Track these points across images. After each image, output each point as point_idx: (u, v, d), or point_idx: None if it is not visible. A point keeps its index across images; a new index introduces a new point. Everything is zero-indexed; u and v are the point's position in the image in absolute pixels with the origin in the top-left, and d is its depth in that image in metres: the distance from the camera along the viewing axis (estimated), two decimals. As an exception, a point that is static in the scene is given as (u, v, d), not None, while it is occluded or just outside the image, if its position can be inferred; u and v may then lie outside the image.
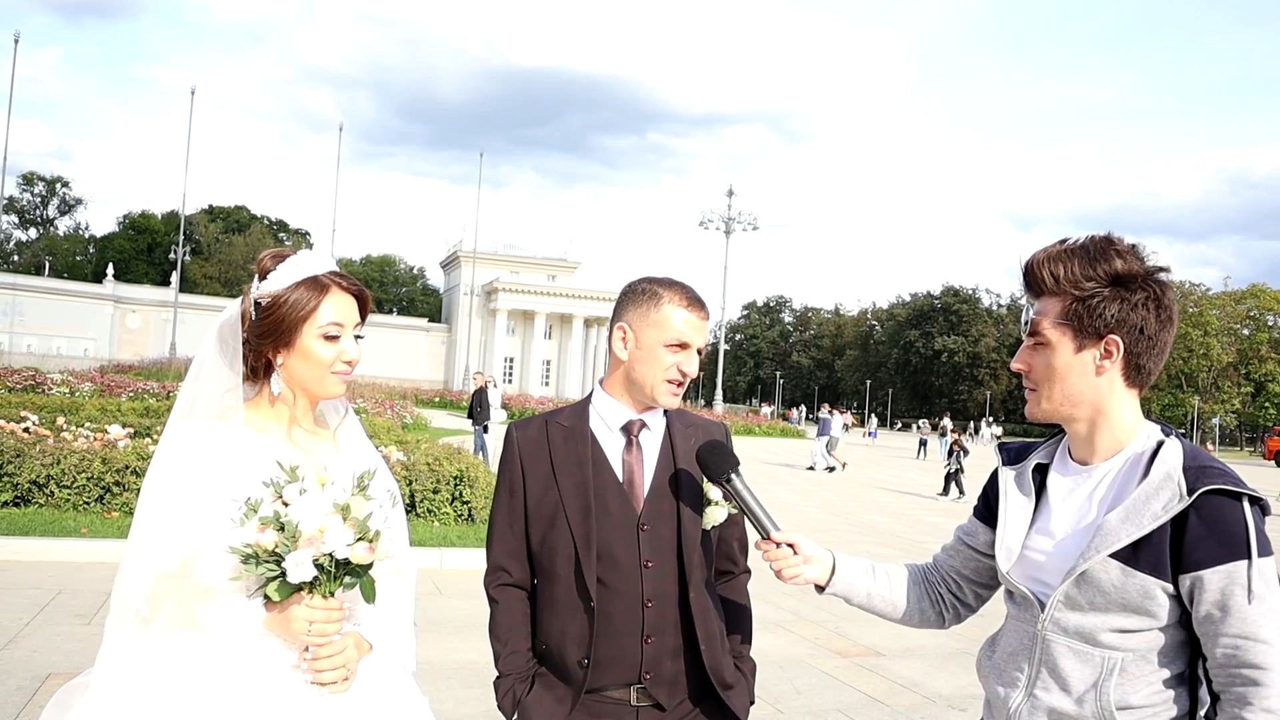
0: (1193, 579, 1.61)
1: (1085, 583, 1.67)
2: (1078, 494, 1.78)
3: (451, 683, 5.34)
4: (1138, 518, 1.63)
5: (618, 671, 2.11)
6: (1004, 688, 1.81)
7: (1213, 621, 1.61)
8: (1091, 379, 1.72)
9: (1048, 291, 1.74)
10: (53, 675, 5.00)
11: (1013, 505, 1.85)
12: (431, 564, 8.47)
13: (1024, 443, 1.97)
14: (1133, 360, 1.71)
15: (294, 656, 1.81)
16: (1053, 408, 1.77)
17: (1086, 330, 1.70)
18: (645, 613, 2.11)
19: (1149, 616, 1.65)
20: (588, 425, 2.21)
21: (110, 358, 57.71)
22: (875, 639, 7.06)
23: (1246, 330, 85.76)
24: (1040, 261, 1.75)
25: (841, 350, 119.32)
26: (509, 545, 2.20)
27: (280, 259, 1.94)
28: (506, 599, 2.20)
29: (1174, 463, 1.66)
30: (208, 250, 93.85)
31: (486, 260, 79.59)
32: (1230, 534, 1.59)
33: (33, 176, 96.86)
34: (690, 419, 2.32)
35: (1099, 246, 1.71)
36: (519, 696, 2.14)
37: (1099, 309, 1.68)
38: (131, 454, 9.39)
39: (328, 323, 1.92)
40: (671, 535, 2.15)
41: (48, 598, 6.54)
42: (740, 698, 2.23)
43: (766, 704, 5.38)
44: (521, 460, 2.21)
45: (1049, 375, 1.75)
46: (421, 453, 11.02)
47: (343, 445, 2.09)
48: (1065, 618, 1.71)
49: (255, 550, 1.68)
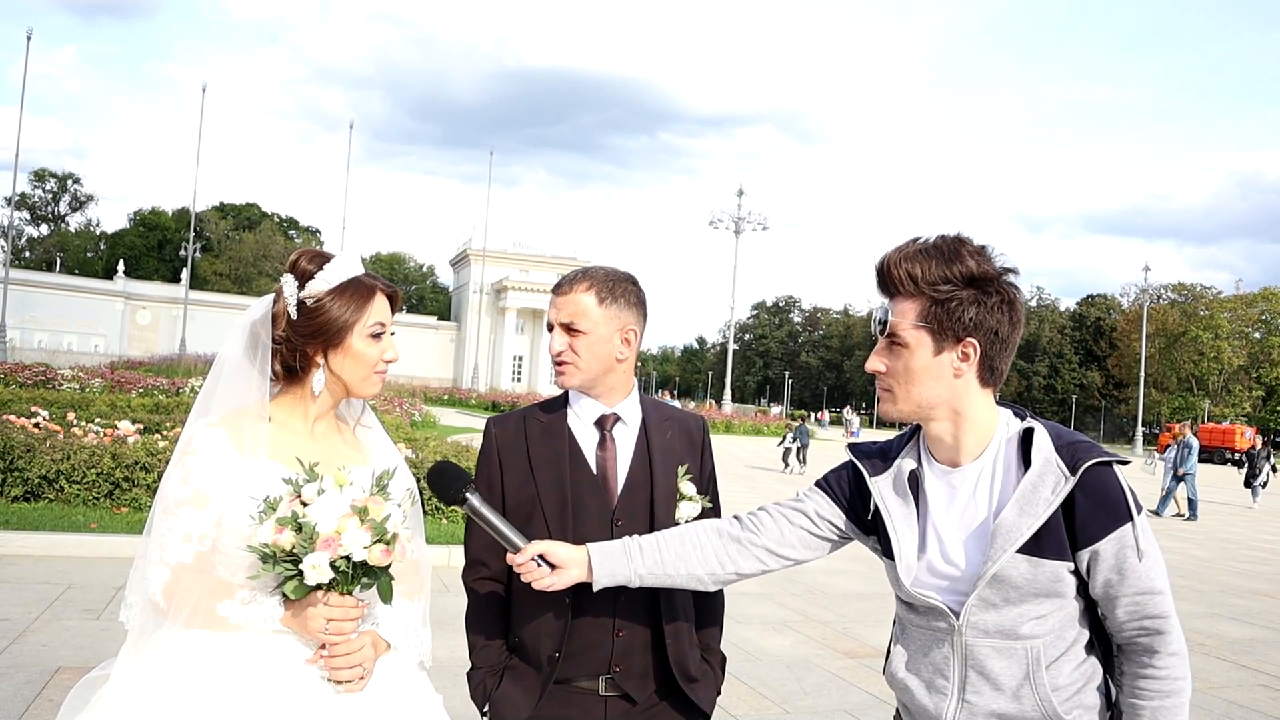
0: (1090, 552, 1.67)
1: (998, 582, 1.70)
2: (958, 497, 1.78)
3: (458, 680, 5.33)
4: (1032, 508, 1.67)
5: (588, 663, 2.14)
6: (930, 696, 1.81)
7: (1111, 585, 1.67)
8: (949, 381, 1.73)
9: (904, 293, 1.73)
10: (62, 669, 5.02)
11: (899, 519, 1.84)
12: (440, 561, 8.48)
13: (878, 444, 1.94)
14: (988, 362, 1.73)
15: (311, 653, 1.82)
16: (910, 409, 1.77)
17: (945, 333, 1.70)
18: (617, 606, 2.14)
19: (1059, 598, 1.71)
20: (565, 421, 2.24)
21: (120, 354, 57.86)
22: (882, 639, 7.04)
23: (1258, 334, 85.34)
24: (895, 261, 1.74)
25: (850, 351, 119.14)
26: (487, 539, 2.18)
27: (320, 260, 1.97)
28: (482, 592, 2.25)
29: (1047, 446, 1.70)
30: (218, 247, 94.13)
31: (496, 259, 79.66)
32: (1114, 502, 1.66)
33: (44, 173, 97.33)
34: (667, 412, 2.34)
35: (951, 247, 1.71)
36: (489, 688, 2.19)
37: (957, 312, 1.69)
38: (141, 450, 9.42)
39: (375, 323, 1.96)
40: (644, 530, 2.16)
41: (57, 592, 6.57)
42: (705, 690, 2.24)
43: (773, 704, 5.39)
44: (499, 455, 2.24)
45: (907, 377, 1.75)
46: (430, 450, 11.03)
47: (363, 442, 2.11)
48: (983, 619, 1.73)
49: (273, 550, 1.69)
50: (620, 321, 2.20)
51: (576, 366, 2.18)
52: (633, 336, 2.24)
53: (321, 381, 1.96)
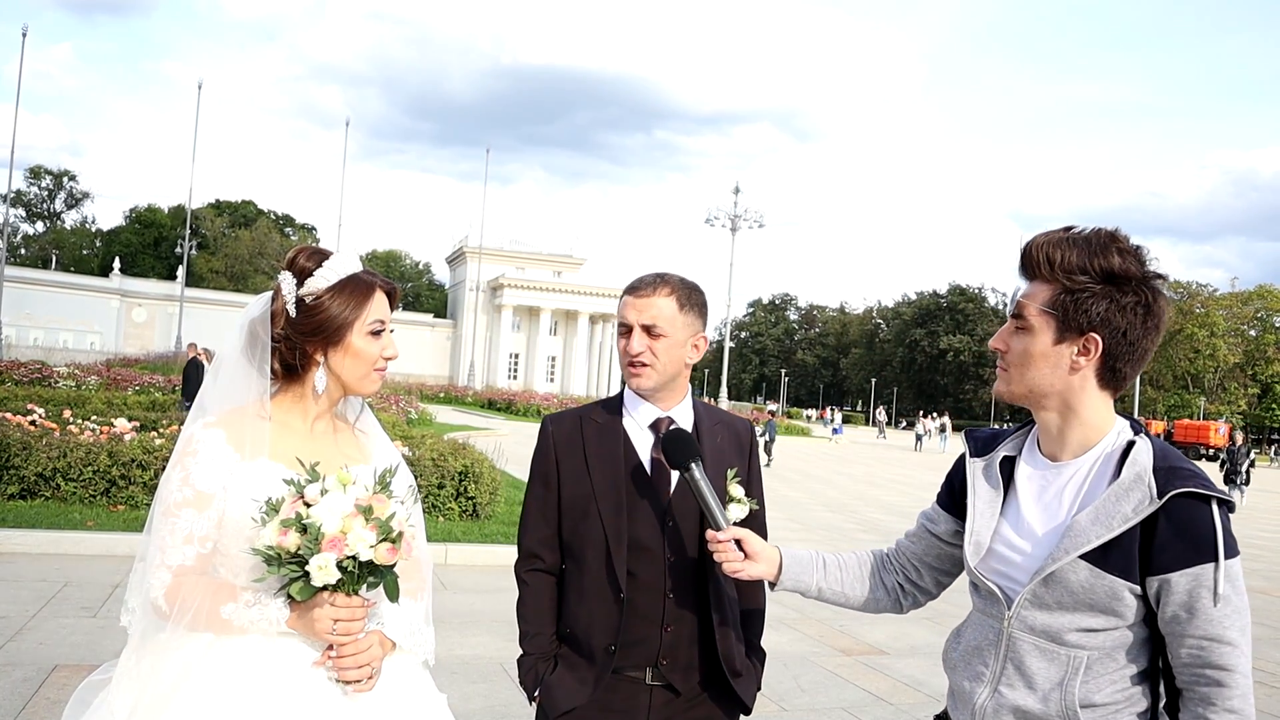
0: (1160, 581, 1.60)
1: (1054, 582, 1.67)
2: (1048, 492, 1.76)
3: (456, 678, 5.35)
4: (1108, 519, 1.62)
5: (638, 655, 2.21)
6: (969, 682, 1.81)
7: (1179, 622, 1.61)
8: (1064, 373, 1.70)
9: (1040, 276, 1.71)
10: (59, 667, 5.02)
11: (981, 498, 1.84)
12: (436, 559, 8.46)
13: (992, 431, 1.95)
14: (1109, 362, 1.69)
15: (318, 655, 1.81)
16: (1021, 392, 1.75)
17: (1069, 323, 1.67)
18: (666, 602, 2.21)
19: (1115, 616, 1.65)
20: (620, 422, 2.30)
21: (116, 351, 57.74)
22: (879, 637, 7.06)
23: (1254, 331, 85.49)
24: (1040, 245, 1.72)
25: (847, 348, 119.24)
26: (542, 534, 2.30)
27: (318, 258, 1.96)
28: (536, 583, 2.30)
29: (1145, 463, 1.65)
30: (214, 245, 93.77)
31: (492, 256, 79.59)
32: (1198, 537, 1.58)
33: (40, 170, 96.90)
34: (719, 415, 2.41)
35: (1101, 241, 1.68)
36: (541, 674, 2.23)
37: (1086, 304, 1.65)
38: (137, 447, 9.41)
39: (374, 320, 1.96)
40: (694, 530, 2.23)
41: (54, 590, 6.57)
42: (748, 686, 2.30)
43: (771, 701, 5.39)
44: (556, 453, 2.30)
45: (1023, 360, 1.73)
46: (427, 448, 11.01)
47: (362, 440, 2.11)
48: (1032, 616, 1.71)
49: (278, 552, 1.68)
50: (694, 328, 2.27)
51: (654, 369, 2.22)
52: (701, 343, 2.31)
53: (323, 380, 1.95)
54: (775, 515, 14.88)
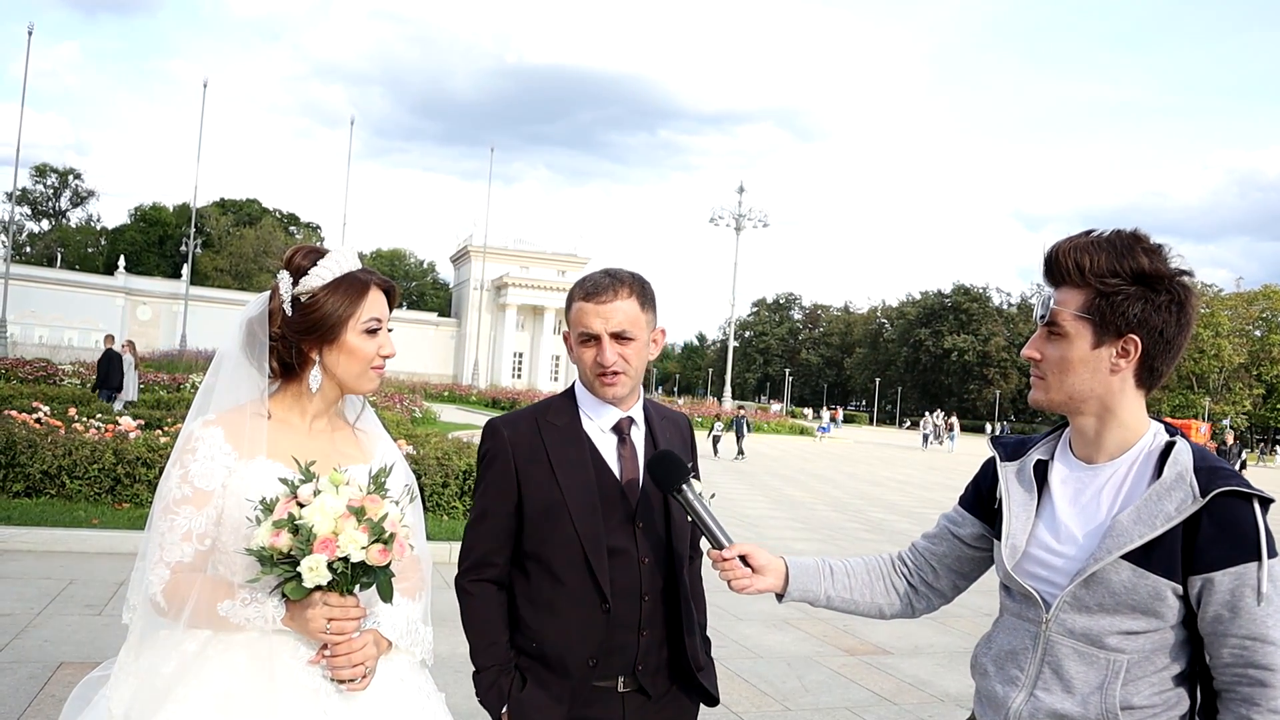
0: (1203, 580, 1.60)
1: (1095, 584, 1.66)
2: (1085, 493, 1.76)
3: (459, 676, 5.34)
4: (1150, 519, 1.62)
5: (614, 664, 2.14)
6: (1003, 686, 1.80)
7: (1221, 622, 1.60)
8: (1104, 376, 1.70)
9: (1069, 282, 1.70)
10: (64, 665, 5.03)
11: (1016, 502, 1.83)
12: (440, 558, 8.48)
13: (1020, 437, 1.95)
14: (1147, 362, 1.69)
15: (313, 653, 1.81)
16: (1061, 399, 1.75)
17: (1107, 327, 1.67)
18: (643, 606, 2.14)
19: (1156, 618, 1.65)
20: (580, 425, 2.21)
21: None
22: (883, 637, 7.05)
23: (1259, 332, 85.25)
24: (1066, 250, 1.71)
25: (851, 348, 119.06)
26: (498, 542, 2.17)
27: (314, 256, 1.95)
28: (484, 593, 2.18)
29: (1186, 463, 1.65)
30: (218, 243, 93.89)
31: (496, 255, 79.58)
32: (1242, 535, 1.58)
33: (45, 168, 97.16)
34: (662, 410, 2.35)
35: (1125, 242, 1.67)
36: (506, 689, 2.12)
37: (1122, 306, 1.65)
38: (142, 446, 9.43)
39: (370, 318, 1.95)
40: (663, 530, 2.18)
41: (59, 588, 6.58)
42: (710, 676, 2.29)
43: (774, 700, 5.39)
44: (515, 459, 2.16)
45: (1062, 367, 1.72)
46: (431, 447, 11.03)
47: (362, 439, 2.11)
48: (1071, 619, 1.70)
49: (271, 552, 1.69)
50: (652, 325, 2.20)
51: (628, 375, 2.14)
52: (660, 338, 2.24)
53: (318, 378, 1.95)
54: (779, 514, 14.88)
